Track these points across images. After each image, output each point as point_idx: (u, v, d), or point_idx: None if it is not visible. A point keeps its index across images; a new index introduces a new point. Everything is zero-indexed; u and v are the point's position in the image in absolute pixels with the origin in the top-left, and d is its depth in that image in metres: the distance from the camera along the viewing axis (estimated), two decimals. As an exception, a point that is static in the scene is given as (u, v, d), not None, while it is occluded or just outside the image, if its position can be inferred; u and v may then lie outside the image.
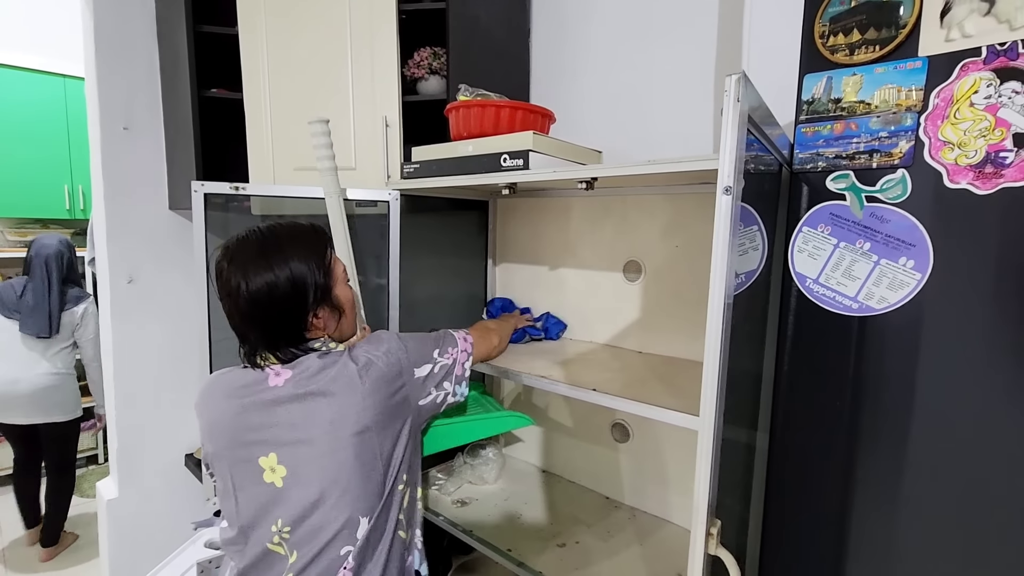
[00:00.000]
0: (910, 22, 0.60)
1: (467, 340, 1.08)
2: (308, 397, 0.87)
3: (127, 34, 1.74)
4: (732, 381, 0.67)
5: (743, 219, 0.70)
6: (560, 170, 1.09)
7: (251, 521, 0.90)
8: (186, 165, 1.70)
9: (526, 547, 1.29)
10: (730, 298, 0.51)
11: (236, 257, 0.87)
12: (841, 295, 0.66)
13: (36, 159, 2.86)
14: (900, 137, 0.61)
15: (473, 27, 1.61)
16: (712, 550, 0.52)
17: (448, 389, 1.02)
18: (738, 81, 0.48)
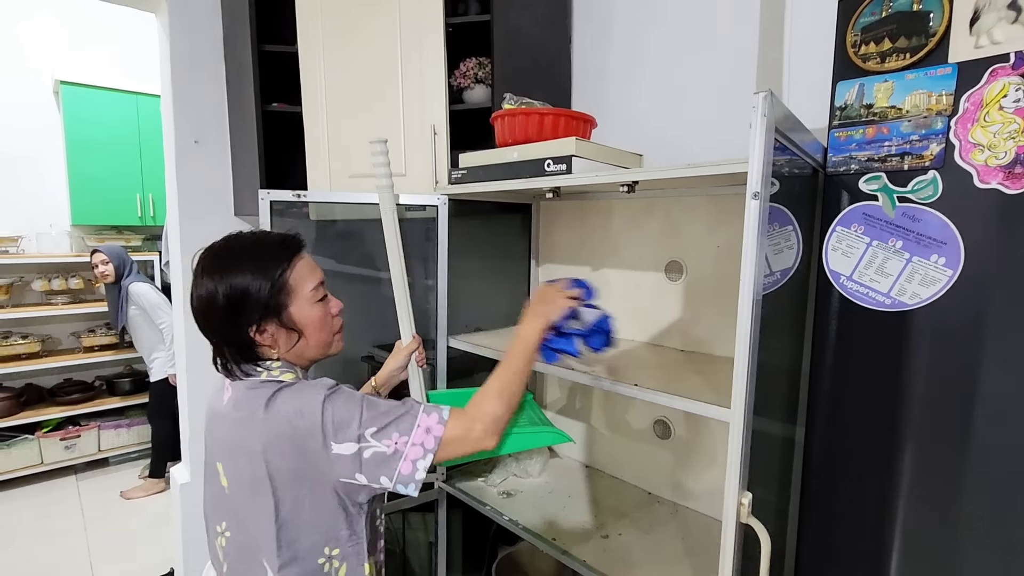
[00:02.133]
0: (940, 30, 0.63)
1: (431, 432, 0.82)
2: (233, 422, 0.85)
3: (198, 55, 1.91)
4: (767, 375, 0.72)
5: (778, 219, 0.75)
6: (602, 174, 1.15)
7: (207, 513, 0.94)
8: (250, 174, 1.85)
9: (570, 537, 1.34)
10: (759, 295, 0.56)
11: (199, 263, 0.86)
12: (874, 291, 0.70)
13: (111, 171, 3.13)
14: (931, 140, 0.65)
15: (516, 37, 1.68)
16: (743, 519, 0.58)
17: (385, 485, 0.81)
18: (765, 98, 0.54)
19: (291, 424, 0.79)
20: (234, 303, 0.83)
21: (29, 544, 2.60)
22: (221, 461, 0.89)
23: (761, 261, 0.57)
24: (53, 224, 3.19)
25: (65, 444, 3.12)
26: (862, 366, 0.72)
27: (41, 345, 3.11)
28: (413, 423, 0.82)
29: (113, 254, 2.78)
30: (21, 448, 3.01)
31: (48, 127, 3.18)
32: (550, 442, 1.25)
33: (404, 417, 0.82)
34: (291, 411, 0.80)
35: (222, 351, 0.86)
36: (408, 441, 0.80)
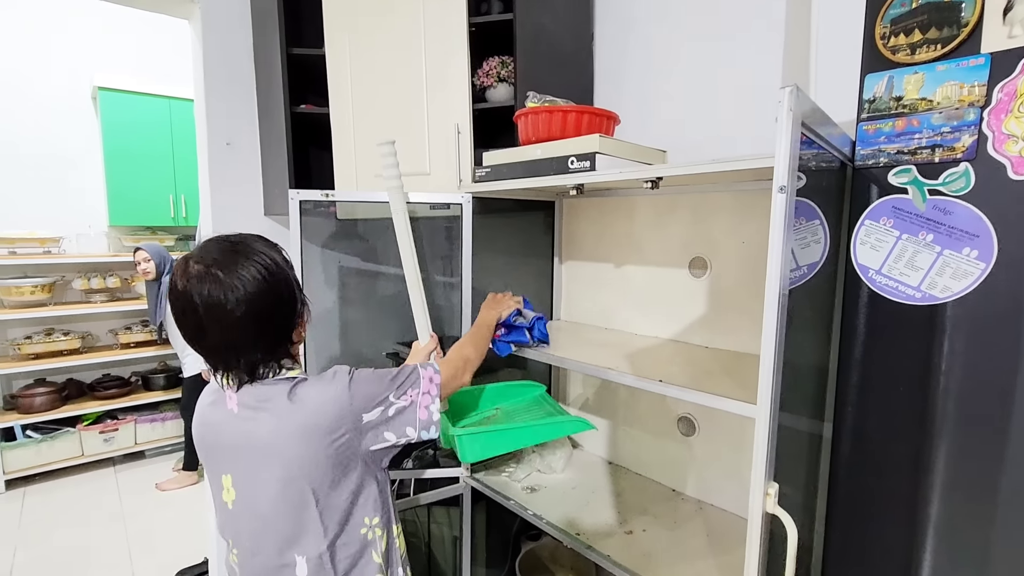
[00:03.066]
0: (972, 21, 0.63)
1: (433, 380, 0.97)
2: (248, 423, 0.86)
3: (229, 60, 1.97)
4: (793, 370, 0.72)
5: (806, 214, 0.74)
6: (626, 171, 1.16)
7: (220, 526, 0.96)
8: (279, 175, 1.90)
9: (594, 532, 1.36)
10: (786, 290, 0.57)
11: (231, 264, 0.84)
12: (904, 285, 0.69)
13: (146, 173, 3.24)
14: (963, 132, 0.64)
15: (538, 35, 1.70)
16: (769, 508, 0.58)
17: (411, 435, 0.93)
18: (791, 92, 0.54)
19: (320, 414, 0.84)
20: (283, 294, 0.87)
21: (71, 532, 2.71)
22: (229, 472, 0.90)
23: (787, 256, 0.57)
24: (92, 225, 3.32)
25: (104, 437, 3.24)
26: (891, 360, 0.72)
27: (81, 341, 3.24)
28: (418, 378, 0.96)
29: (154, 252, 2.88)
30: (63, 440, 3.14)
31: (87, 132, 3.31)
32: (573, 430, 1.30)
33: (411, 375, 0.97)
34: (317, 403, 0.85)
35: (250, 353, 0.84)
36: (419, 391, 0.95)
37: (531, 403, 1.50)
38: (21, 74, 3.12)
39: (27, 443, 3.05)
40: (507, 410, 1.48)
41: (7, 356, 3.11)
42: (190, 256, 0.85)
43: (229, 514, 0.92)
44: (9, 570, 2.44)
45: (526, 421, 1.34)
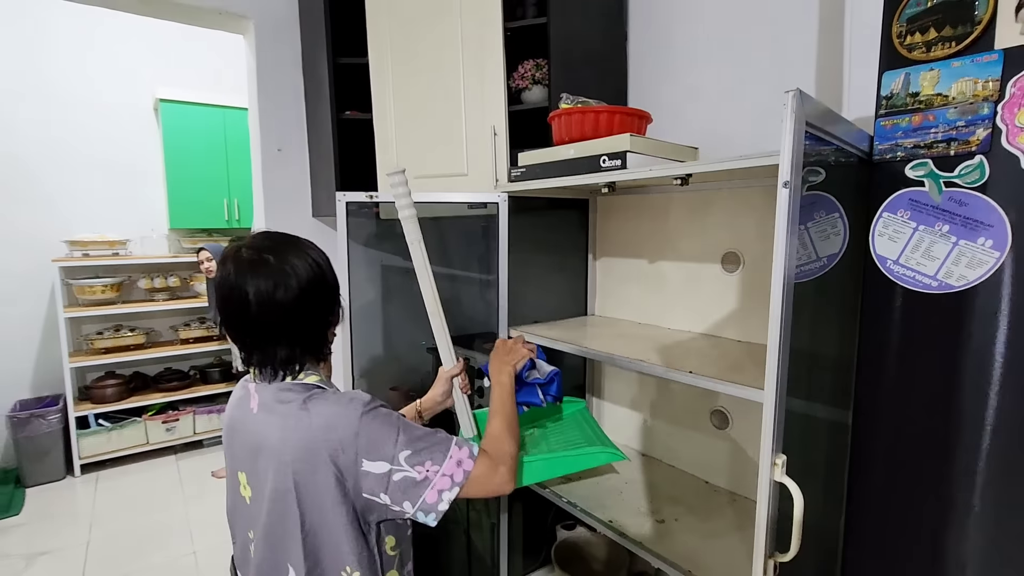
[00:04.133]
0: (985, 18, 0.65)
1: (462, 465, 0.83)
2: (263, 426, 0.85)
3: (280, 71, 2.12)
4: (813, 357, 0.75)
5: (825, 207, 0.78)
6: (656, 168, 1.21)
7: (231, 520, 0.96)
8: (326, 178, 2.03)
9: (626, 520, 1.40)
10: (791, 280, 0.61)
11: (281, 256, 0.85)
12: (921, 274, 0.72)
13: (202, 178, 3.47)
14: (977, 125, 0.67)
15: (572, 38, 1.75)
16: (777, 477, 0.63)
17: (406, 511, 0.82)
18: (794, 96, 0.59)
19: (324, 435, 0.79)
20: (327, 291, 0.87)
21: (137, 515, 2.94)
22: (245, 470, 0.90)
23: (793, 247, 0.62)
24: (154, 229, 3.58)
25: (166, 427, 3.49)
26: (909, 347, 0.75)
27: (145, 337, 3.49)
28: (446, 454, 0.82)
29: (216, 252, 3.09)
30: (130, 429, 3.40)
31: (149, 142, 3.57)
32: (602, 462, 1.19)
33: (438, 446, 0.83)
34: (325, 421, 0.80)
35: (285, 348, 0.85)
36: (439, 471, 0.81)
37: (569, 422, 1.40)
38: (91, 89, 3.40)
39: (99, 431, 3.32)
40: (543, 430, 1.37)
41: (81, 350, 3.39)
42: (241, 244, 0.85)
43: (247, 508, 0.91)
44: (86, 544, 2.68)
45: (555, 451, 1.22)
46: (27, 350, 3.34)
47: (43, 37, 3.26)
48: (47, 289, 3.33)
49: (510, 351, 1.14)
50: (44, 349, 3.35)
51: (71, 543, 2.71)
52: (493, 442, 0.92)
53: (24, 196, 3.27)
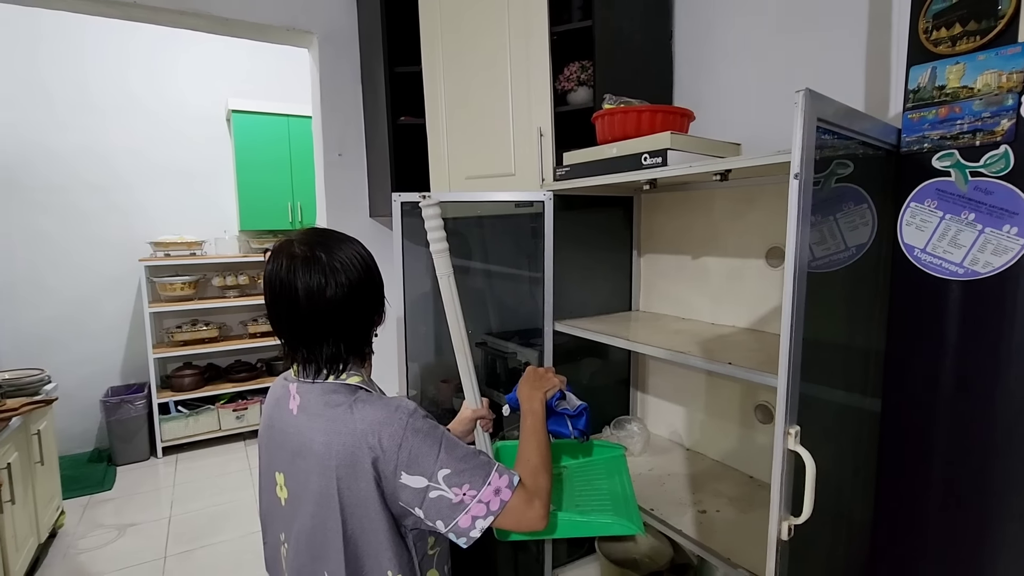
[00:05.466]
0: (1009, 12, 0.68)
1: (500, 495, 0.82)
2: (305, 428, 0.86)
3: (340, 81, 2.29)
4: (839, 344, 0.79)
5: (854, 198, 0.82)
6: (696, 165, 1.25)
7: (264, 521, 0.97)
8: (382, 180, 2.17)
9: (668, 510, 1.45)
10: (804, 269, 0.66)
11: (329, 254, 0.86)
12: (947, 262, 0.75)
13: (269, 183, 3.74)
14: (1002, 116, 0.69)
15: (617, 38, 1.81)
16: (791, 446, 0.68)
17: (438, 528, 0.82)
18: (804, 95, 0.64)
19: (367, 440, 0.79)
20: (373, 290, 0.89)
21: (211, 494, 3.22)
22: (282, 471, 0.90)
23: (805, 235, 0.66)
24: (226, 230, 3.88)
25: (236, 415, 3.79)
26: (936, 334, 0.77)
27: (218, 331, 3.80)
28: (485, 480, 0.81)
29: None
30: (205, 416, 3.72)
31: (222, 149, 3.89)
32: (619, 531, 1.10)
33: (478, 470, 0.82)
34: (369, 427, 0.80)
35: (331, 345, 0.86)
36: (476, 497, 0.80)
37: (601, 468, 1.32)
38: (171, 102, 3.76)
39: (178, 417, 3.64)
40: (570, 472, 1.31)
41: (163, 342, 3.74)
42: (293, 239, 0.86)
43: (282, 511, 0.91)
44: (168, 519, 2.97)
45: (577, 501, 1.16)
46: (118, 341, 3.71)
47: (129, 57, 3.63)
48: (134, 286, 3.69)
49: (541, 378, 1.09)
50: (132, 341, 3.72)
51: (155, 517, 3.01)
52: (531, 475, 0.88)
53: (116, 202, 3.65)
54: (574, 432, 1.12)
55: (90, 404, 3.61)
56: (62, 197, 3.51)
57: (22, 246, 3.43)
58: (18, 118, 3.36)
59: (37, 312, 3.48)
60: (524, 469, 0.89)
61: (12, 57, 3.33)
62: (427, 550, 0.91)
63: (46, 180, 3.46)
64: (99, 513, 3.05)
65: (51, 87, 3.45)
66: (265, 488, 0.96)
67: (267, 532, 0.99)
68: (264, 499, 0.97)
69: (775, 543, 0.69)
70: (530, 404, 1.03)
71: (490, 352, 2.09)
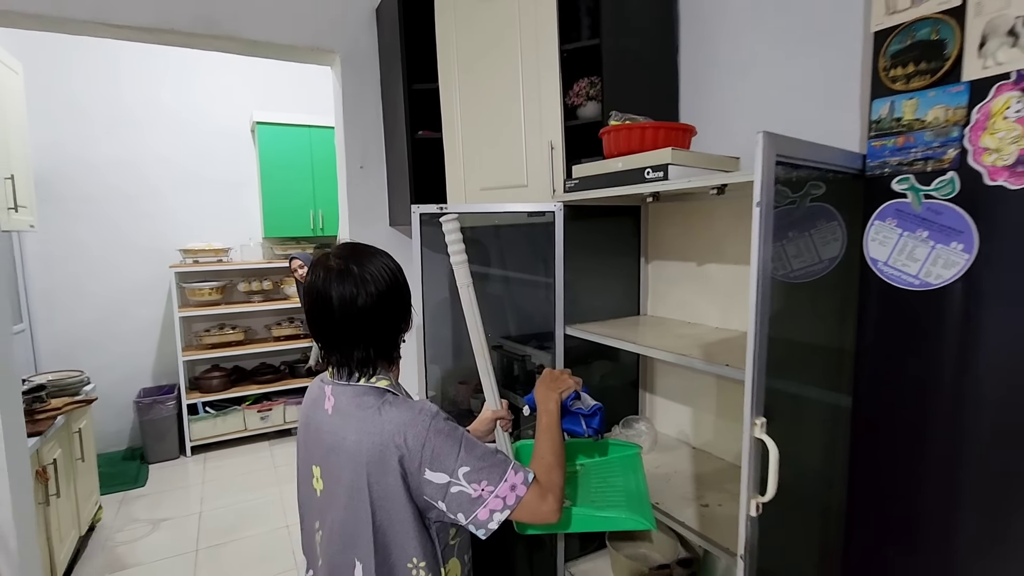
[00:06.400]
0: (953, 55, 0.78)
1: (516, 490, 0.91)
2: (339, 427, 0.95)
3: (362, 97, 2.45)
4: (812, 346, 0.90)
5: (825, 216, 0.93)
6: (693, 179, 1.37)
7: (302, 511, 1.07)
8: (402, 191, 2.32)
9: (673, 504, 1.56)
10: (767, 281, 0.78)
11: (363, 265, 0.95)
12: (905, 274, 0.86)
13: (292, 192, 3.93)
14: (949, 146, 0.80)
15: (623, 55, 1.93)
16: (756, 435, 0.79)
17: (459, 520, 0.91)
18: (763, 137, 0.75)
19: (394, 439, 0.88)
20: (400, 300, 0.98)
21: (239, 492, 3.40)
22: (318, 465, 0.99)
23: (767, 251, 0.78)
24: (251, 237, 4.08)
25: (261, 415, 3.98)
26: (897, 337, 0.88)
27: (244, 334, 4.00)
28: (502, 477, 0.89)
29: (306, 259, 3.53)
30: (231, 417, 3.91)
31: (247, 160, 4.09)
32: (630, 527, 1.17)
33: (495, 468, 0.90)
34: (396, 428, 0.89)
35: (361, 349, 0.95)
36: (493, 492, 0.88)
37: (616, 466, 1.40)
38: (199, 115, 3.97)
39: (206, 417, 3.85)
40: (586, 469, 1.39)
41: (192, 345, 3.95)
42: (329, 253, 0.97)
43: (318, 500, 1.01)
44: (199, 515, 3.15)
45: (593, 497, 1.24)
46: (150, 344, 3.94)
47: (160, 73, 3.86)
48: (165, 292, 3.90)
49: (556, 380, 1.16)
50: (162, 344, 3.94)
51: (186, 512, 3.20)
52: (545, 472, 0.96)
53: (147, 211, 3.88)
54: (588, 431, 1.19)
55: (123, 404, 3.84)
56: (97, 207, 3.74)
57: (60, 254, 3.67)
58: (57, 133, 3.61)
59: (74, 316, 3.72)
60: (538, 466, 0.97)
61: (51, 76, 3.58)
62: (448, 540, 1.00)
63: (82, 191, 3.70)
64: (134, 508, 3.25)
65: (87, 103, 3.69)
66: (302, 480, 1.05)
67: (304, 520, 1.09)
68: (302, 490, 1.07)
69: (745, 518, 0.81)
70: (545, 404, 1.11)
71: (506, 355, 2.22)
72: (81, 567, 2.73)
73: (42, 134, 3.53)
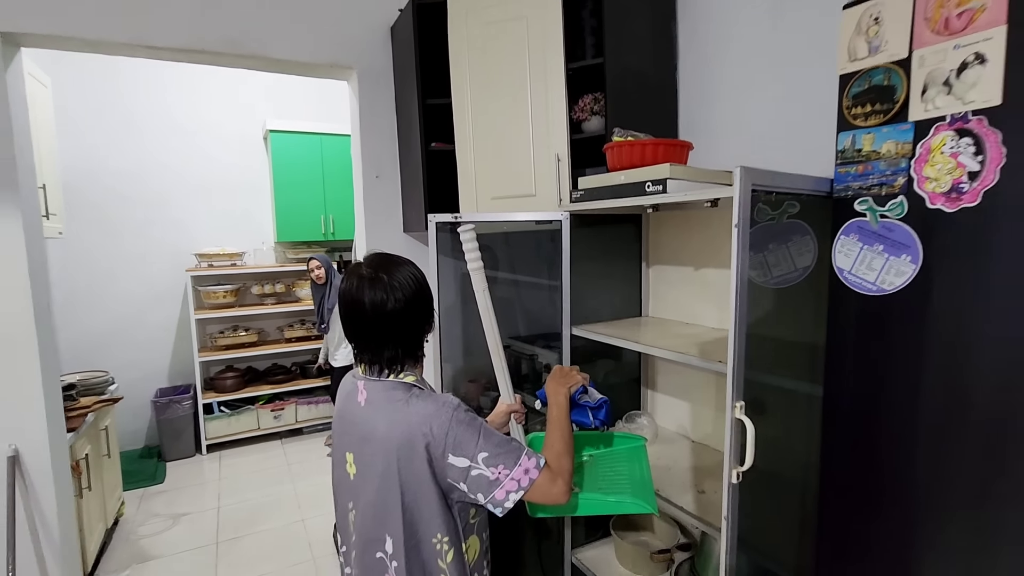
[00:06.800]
0: (901, 99, 0.95)
1: (529, 474, 1.02)
2: (370, 418, 1.06)
3: (377, 110, 2.61)
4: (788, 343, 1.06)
5: (800, 231, 1.10)
6: (688, 193, 1.53)
7: (336, 493, 1.18)
8: (415, 200, 2.49)
9: (672, 491, 1.72)
10: (744, 289, 0.95)
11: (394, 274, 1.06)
12: (865, 281, 1.02)
13: (303, 197, 4.10)
14: (898, 175, 0.96)
15: (625, 74, 2.09)
16: (736, 415, 0.96)
17: (479, 501, 1.02)
18: (740, 171, 0.92)
19: (421, 428, 1.00)
20: (425, 304, 1.10)
21: (253, 489, 3.57)
22: (352, 451, 1.11)
23: (745, 263, 0.95)
24: (264, 242, 4.26)
25: (274, 415, 4.15)
26: (859, 336, 1.04)
27: (257, 336, 4.17)
28: (516, 461, 1.01)
29: (324, 261, 3.69)
30: (245, 416, 4.09)
31: (260, 167, 4.27)
32: (633, 511, 1.30)
33: (510, 454, 1.02)
34: (422, 418, 1.00)
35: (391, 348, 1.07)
36: (509, 475, 1.00)
37: (622, 456, 1.51)
38: (214, 124, 4.15)
39: (221, 416, 4.02)
40: (595, 460, 1.51)
41: (207, 347, 4.12)
42: (361, 263, 1.09)
43: (352, 484, 1.12)
44: (216, 509, 3.32)
45: (600, 485, 1.36)
46: (166, 346, 4.12)
47: (177, 84, 4.03)
48: (181, 295, 4.08)
49: (565, 376, 1.27)
50: (178, 345, 4.12)
51: (204, 507, 3.37)
52: (555, 458, 1.08)
53: (165, 217, 4.06)
54: (595, 422, 1.32)
55: (141, 404, 4.01)
56: (116, 213, 3.93)
57: (81, 260, 3.85)
58: (79, 143, 3.79)
59: (94, 319, 3.90)
60: (549, 453, 1.09)
61: (74, 89, 3.76)
62: (469, 519, 1.12)
63: (102, 198, 3.88)
64: (153, 504, 3.43)
65: (107, 115, 3.88)
66: (337, 465, 1.17)
67: (338, 501, 1.20)
68: (336, 474, 1.19)
69: (728, 485, 0.98)
70: (555, 398, 1.22)
71: (514, 354, 2.38)
72: (107, 558, 2.90)
73: (65, 144, 3.71)
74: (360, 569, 1.11)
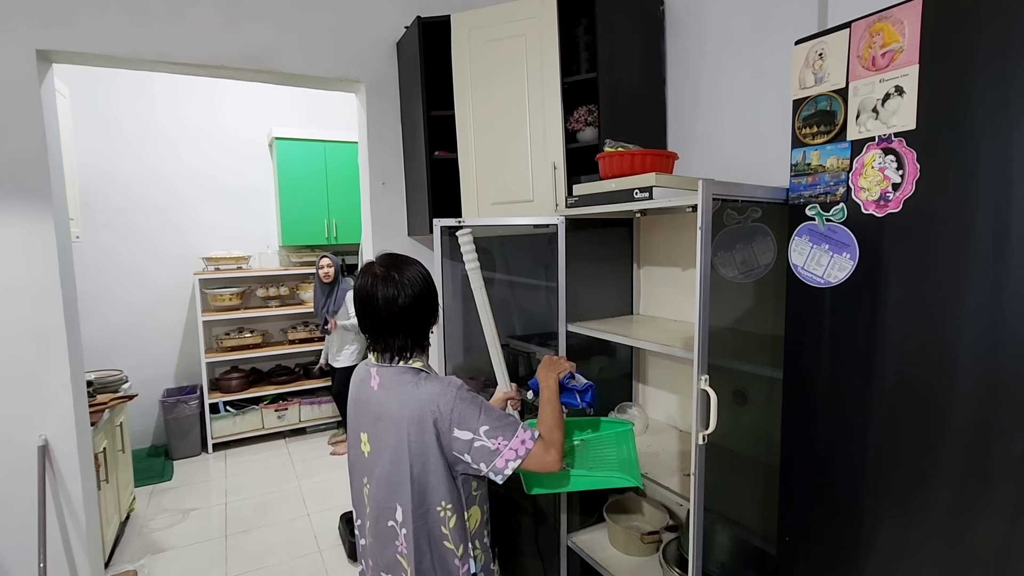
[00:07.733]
0: (840, 122, 1.16)
1: (525, 444, 1.16)
2: (383, 400, 1.21)
3: (384, 121, 2.83)
4: (752, 332, 1.26)
5: (762, 233, 1.30)
6: (672, 200, 1.73)
7: (352, 470, 1.32)
8: (419, 205, 2.70)
9: (661, 474, 1.91)
10: (707, 286, 1.15)
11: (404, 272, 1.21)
12: (815, 276, 1.23)
13: (307, 202, 4.31)
14: (840, 185, 1.17)
15: (618, 87, 2.30)
16: (702, 387, 1.16)
17: (482, 470, 1.17)
18: (703, 183, 1.13)
19: (429, 406, 1.15)
20: (431, 299, 1.25)
21: (259, 486, 3.76)
22: (366, 431, 1.25)
23: (707, 262, 1.15)
24: (269, 246, 4.46)
25: (278, 415, 4.34)
26: (811, 323, 1.25)
27: (262, 338, 4.37)
28: (514, 433, 1.17)
29: (335, 261, 3.88)
30: (250, 416, 4.28)
31: (265, 172, 4.48)
32: (620, 484, 1.48)
33: (509, 427, 1.17)
34: (430, 397, 1.15)
35: (401, 338, 1.21)
36: (507, 445, 1.15)
37: (611, 439, 1.67)
38: (222, 131, 4.36)
39: (226, 416, 4.21)
40: (590, 443, 1.66)
41: (213, 348, 4.32)
42: (374, 262, 1.25)
43: (366, 461, 1.27)
44: (224, 505, 3.50)
45: (591, 465, 1.52)
46: (173, 347, 4.32)
47: (186, 93, 4.25)
48: (188, 297, 4.28)
49: (554, 363, 1.45)
50: (185, 346, 4.31)
51: (212, 503, 3.56)
52: (548, 431, 1.25)
53: (173, 222, 4.27)
54: (582, 403, 1.48)
55: (149, 404, 4.21)
56: (127, 218, 4.14)
57: (92, 262, 4.06)
58: (91, 150, 4.00)
59: (104, 320, 4.10)
60: (543, 427, 1.26)
61: (87, 98, 3.97)
62: (471, 491, 1.27)
63: (113, 204, 4.10)
64: (163, 500, 3.62)
65: (118, 122, 4.11)
66: (352, 444, 1.32)
67: (353, 477, 1.34)
68: (351, 454, 1.34)
69: (695, 446, 1.18)
70: (546, 382, 1.39)
71: (511, 352, 2.58)
72: (122, 549, 3.09)
73: (81, 151, 3.92)
74: (374, 538, 1.26)
